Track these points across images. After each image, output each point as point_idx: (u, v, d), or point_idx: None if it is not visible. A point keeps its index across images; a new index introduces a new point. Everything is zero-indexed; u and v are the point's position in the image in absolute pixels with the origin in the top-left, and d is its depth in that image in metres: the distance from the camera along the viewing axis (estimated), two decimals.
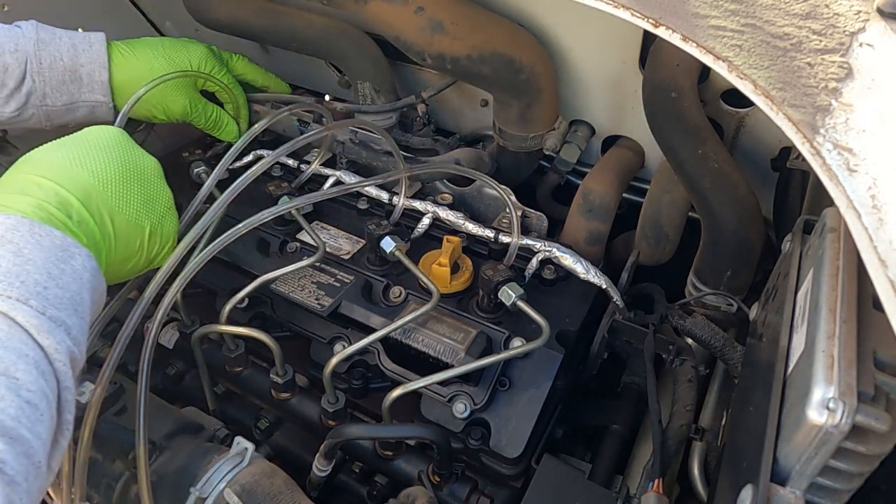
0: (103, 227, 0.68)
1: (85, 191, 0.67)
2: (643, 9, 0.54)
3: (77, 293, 0.58)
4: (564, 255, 0.89)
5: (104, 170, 0.71)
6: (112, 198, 0.70)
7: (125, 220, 0.71)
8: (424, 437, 0.74)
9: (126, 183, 0.72)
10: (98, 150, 0.73)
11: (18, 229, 0.57)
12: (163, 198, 0.78)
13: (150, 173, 0.77)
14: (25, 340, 0.51)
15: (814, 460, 0.45)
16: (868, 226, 0.40)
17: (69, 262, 0.59)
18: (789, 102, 0.46)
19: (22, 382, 0.48)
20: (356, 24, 1.16)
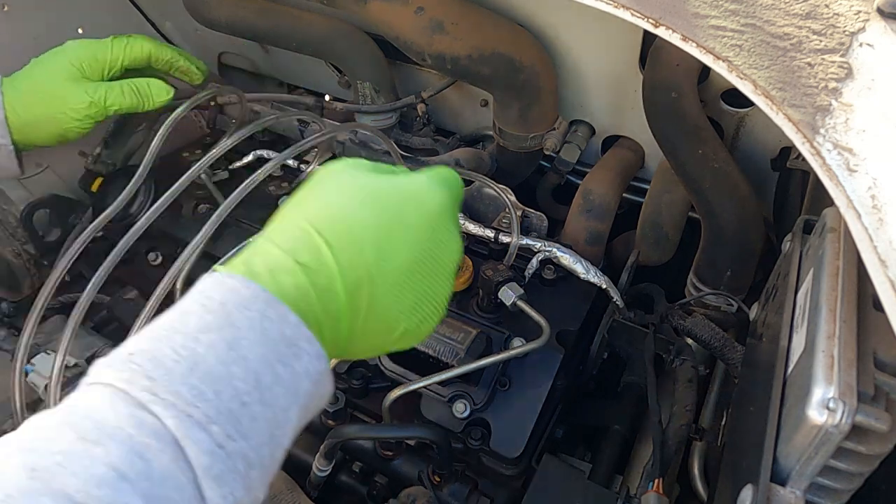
0: (354, 321, 0.50)
1: (359, 279, 0.50)
2: (643, 9, 0.54)
3: (283, 411, 0.44)
4: (564, 255, 0.89)
5: (399, 256, 0.52)
6: (384, 290, 0.51)
7: (382, 318, 0.52)
8: (424, 437, 0.74)
9: (413, 275, 0.53)
10: (411, 223, 0.53)
11: (250, 308, 0.44)
12: (441, 295, 0.56)
13: (445, 265, 0.56)
14: (185, 485, 0.38)
15: (814, 460, 0.45)
16: (868, 226, 0.40)
17: (290, 365, 0.44)
18: (789, 102, 0.46)
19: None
20: (356, 24, 1.16)
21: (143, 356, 0.41)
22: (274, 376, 0.43)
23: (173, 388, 0.40)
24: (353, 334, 0.51)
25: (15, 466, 0.35)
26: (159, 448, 0.37)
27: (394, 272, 0.52)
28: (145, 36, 1.00)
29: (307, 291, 0.47)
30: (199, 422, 0.39)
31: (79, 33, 1.32)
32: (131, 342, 0.43)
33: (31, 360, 0.82)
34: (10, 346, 0.89)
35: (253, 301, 0.45)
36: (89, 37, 1.28)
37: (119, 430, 0.37)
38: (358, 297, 0.50)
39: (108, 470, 0.35)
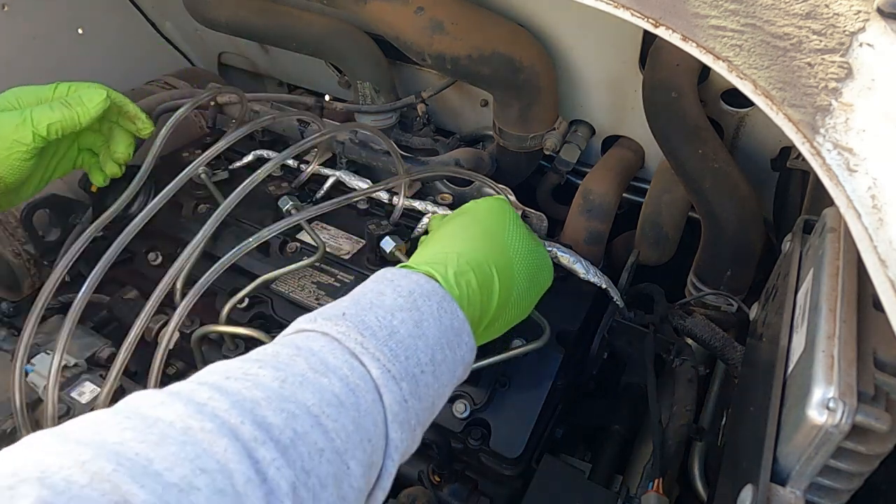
0: (493, 324, 0.66)
1: (502, 307, 0.65)
2: (643, 9, 0.54)
3: (444, 386, 0.56)
4: (564, 255, 0.89)
5: (529, 301, 0.70)
6: (508, 318, 0.68)
7: (502, 325, 0.69)
8: (424, 437, 0.74)
9: (526, 308, 0.71)
10: (541, 282, 0.72)
11: (431, 297, 0.56)
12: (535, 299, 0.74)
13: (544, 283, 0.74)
14: (379, 422, 0.48)
15: (814, 460, 0.45)
16: (868, 226, 0.40)
17: (455, 350, 0.56)
18: (789, 102, 0.46)
19: (352, 471, 0.45)
20: (356, 24, 1.16)
21: (354, 318, 0.52)
22: (443, 356, 0.55)
23: (378, 346, 0.50)
24: (487, 329, 0.66)
25: (269, 377, 0.45)
26: (366, 389, 0.48)
27: (519, 309, 0.69)
28: (97, 84, 0.89)
29: (475, 304, 0.61)
30: (394, 376, 0.50)
31: (79, 33, 1.33)
32: (340, 305, 0.54)
33: (31, 360, 0.82)
34: (10, 346, 0.89)
35: (433, 294, 0.57)
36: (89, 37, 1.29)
37: (338, 369, 0.48)
38: (498, 317, 0.65)
39: (332, 396, 0.46)
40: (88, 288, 0.75)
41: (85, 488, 0.34)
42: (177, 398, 0.42)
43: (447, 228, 0.70)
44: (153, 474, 0.36)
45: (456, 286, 0.59)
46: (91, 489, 0.34)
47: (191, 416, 0.40)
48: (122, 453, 0.37)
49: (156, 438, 0.38)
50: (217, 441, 0.39)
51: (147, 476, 0.36)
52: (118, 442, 0.37)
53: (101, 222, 0.86)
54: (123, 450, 0.37)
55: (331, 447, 0.44)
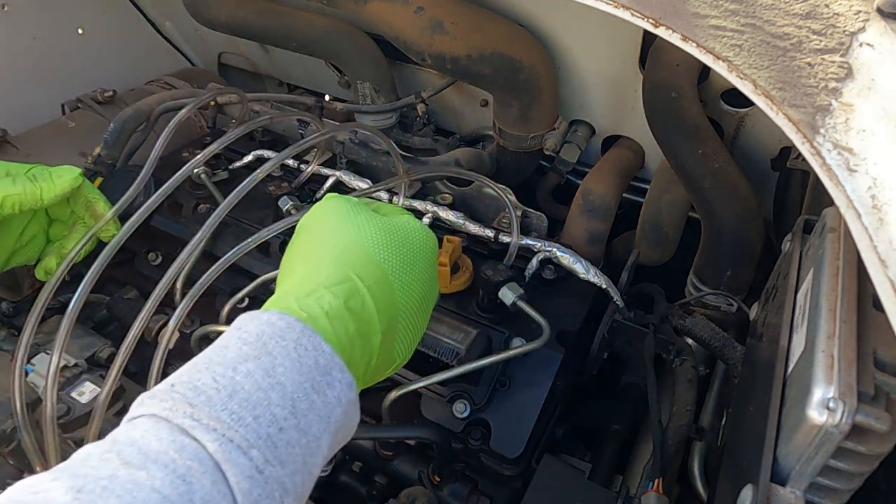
0: (379, 356, 0.55)
1: (390, 320, 0.55)
2: (643, 9, 0.54)
3: (315, 439, 0.45)
4: (564, 255, 0.89)
5: (415, 294, 0.58)
6: (403, 327, 0.57)
7: (393, 352, 0.58)
8: (424, 437, 0.74)
9: (421, 311, 0.59)
10: (422, 263, 0.59)
11: (285, 338, 0.47)
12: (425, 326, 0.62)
13: (434, 298, 0.64)
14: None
15: (814, 460, 0.45)
16: (868, 226, 0.40)
17: (324, 392, 0.47)
18: (789, 102, 0.46)
19: None
20: (356, 24, 1.16)
21: (184, 386, 0.43)
22: (309, 403, 0.45)
23: (214, 413, 0.41)
24: (375, 368, 0.55)
25: (62, 489, 0.36)
26: (201, 471, 0.39)
27: (411, 311, 0.57)
28: (74, 167, 0.85)
29: (353, 336, 0.51)
30: (239, 445, 0.40)
31: (79, 33, 1.33)
32: (172, 376, 0.45)
33: (31, 360, 0.82)
34: (10, 346, 0.89)
35: (288, 331, 0.47)
36: (89, 37, 1.29)
37: (162, 454, 0.39)
38: (387, 336, 0.55)
39: (151, 492, 0.37)
40: (86, 287, 0.75)
41: None
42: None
43: (286, 257, 0.61)
44: None
45: (316, 311, 0.50)
46: None
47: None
48: None
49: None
50: None
51: None
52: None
53: (101, 223, 0.86)
54: None
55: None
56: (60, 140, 1.11)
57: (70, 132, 1.13)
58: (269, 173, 0.90)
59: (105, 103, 1.19)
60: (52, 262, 0.88)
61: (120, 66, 1.40)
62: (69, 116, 1.17)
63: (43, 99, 1.24)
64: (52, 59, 1.28)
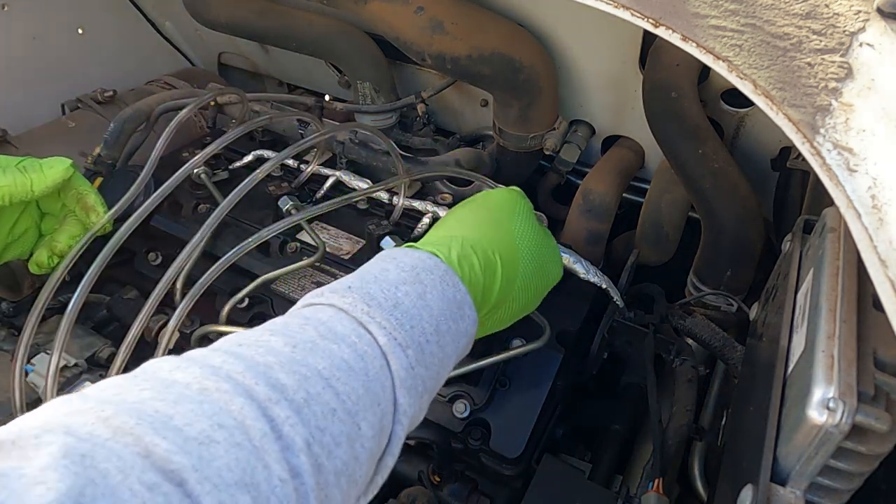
0: (495, 311, 0.66)
1: (506, 293, 0.66)
2: (643, 9, 0.54)
3: (448, 356, 0.57)
4: (564, 255, 0.88)
5: (537, 288, 0.70)
6: (519, 297, 0.68)
7: (504, 315, 0.69)
8: (424, 437, 0.74)
9: (537, 289, 0.71)
10: (551, 269, 0.73)
11: (433, 271, 0.58)
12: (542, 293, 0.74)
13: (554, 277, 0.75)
14: (387, 387, 0.50)
15: (814, 460, 0.45)
16: (868, 226, 0.40)
17: (458, 322, 0.58)
18: (789, 102, 0.46)
19: (363, 433, 0.47)
20: (356, 24, 1.16)
21: (359, 290, 0.54)
22: (447, 327, 0.56)
23: (384, 315, 0.52)
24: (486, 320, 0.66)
25: (280, 343, 0.47)
26: (373, 355, 0.49)
27: (524, 300, 0.69)
28: (65, 158, 0.85)
29: (477, 286, 0.61)
30: (400, 344, 0.51)
31: (79, 33, 1.33)
32: (346, 280, 0.56)
33: (31, 360, 0.81)
34: (10, 346, 0.88)
35: (435, 268, 0.58)
36: (89, 37, 1.29)
37: (347, 336, 0.49)
38: (500, 304, 0.66)
39: (342, 361, 0.47)
40: (85, 287, 0.75)
41: (109, 441, 0.35)
42: (192, 362, 0.43)
43: (456, 213, 0.72)
44: (173, 428, 0.37)
45: (458, 267, 0.60)
46: (114, 442, 0.35)
47: (207, 378, 0.42)
48: (143, 410, 0.38)
49: (174, 398, 0.39)
50: (233, 400, 0.40)
51: (168, 429, 0.37)
52: (138, 401, 0.39)
53: (102, 223, 0.86)
54: (143, 407, 0.38)
55: (342, 408, 0.45)
56: (60, 140, 1.11)
57: (70, 132, 1.13)
58: (269, 173, 0.90)
59: (105, 103, 1.19)
60: (42, 256, 0.87)
61: (120, 66, 1.40)
62: (69, 116, 1.17)
63: (43, 99, 1.24)
64: (52, 59, 1.28)
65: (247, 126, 0.95)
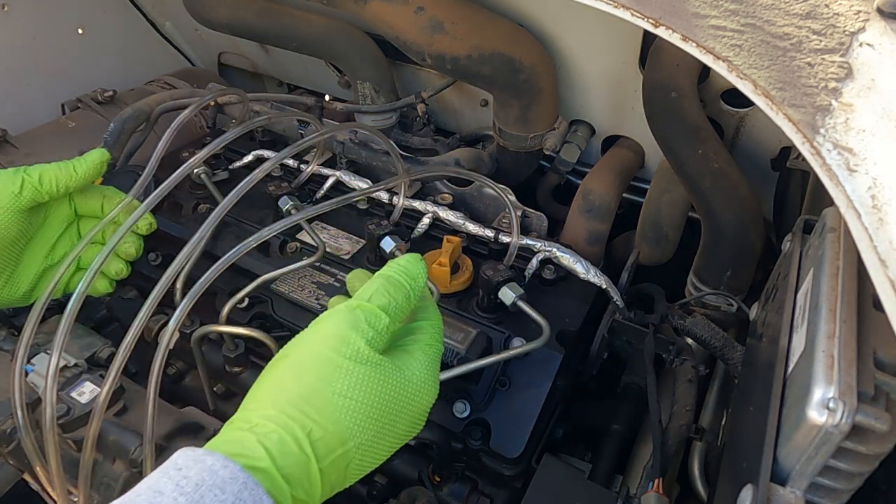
0: (312, 497, 0.52)
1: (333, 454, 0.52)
2: (643, 9, 0.54)
3: None
4: (564, 255, 0.89)
5: (377, 456, 0.56)
6: (351, 464, 0.54)
7: (337, 478, 0.54)
8: (424, 437, 0.74)
9: (381, 436, 0.55)
10: (400, 428, 0.57)
11: (225, 489, 0.44)
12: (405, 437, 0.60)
13: (416, 415, 0.59)
14: None
15: (814, 460, 0.45)
16: (868, 226, 0.40)
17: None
18: (789, 102, 0.46)
19: None
20: (356, 24, 1.16)
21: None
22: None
23: None
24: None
25: None
26: None
27: (364, 466, 0.55)
28: (100, 149, 0.89)
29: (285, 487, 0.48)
30: None
31: (79, 33, 1.33)
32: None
33: (31, 360, 0.81)
34: (10, 346, 0.88)
35: (229, 484, 0.44)
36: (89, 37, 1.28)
37: None
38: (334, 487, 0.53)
39: None
40: (84, 287, 0.75)
41: None
42: None
43: (265, 383, 0.56)
44: None
45: (258, 471, 0.47)
46: None
47: None
48: None
49: None
50: None
51: None
52: None
53: (102, 223, 0.86)
54: None
55: None
56: (60, 140, 1.11)
57: (70, 132, 1.13)
58: (269, 173, 0.90)
59: (105, 103, 1.19)
60: (119, 266, 0.91)
61: (120, 66, 1.40)
62: (69, 116, 1.17)
63: (43, 99, 1.24)
64: (52, 59, 1.28)
65: (246, 126, 0.95)
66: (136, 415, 0.80)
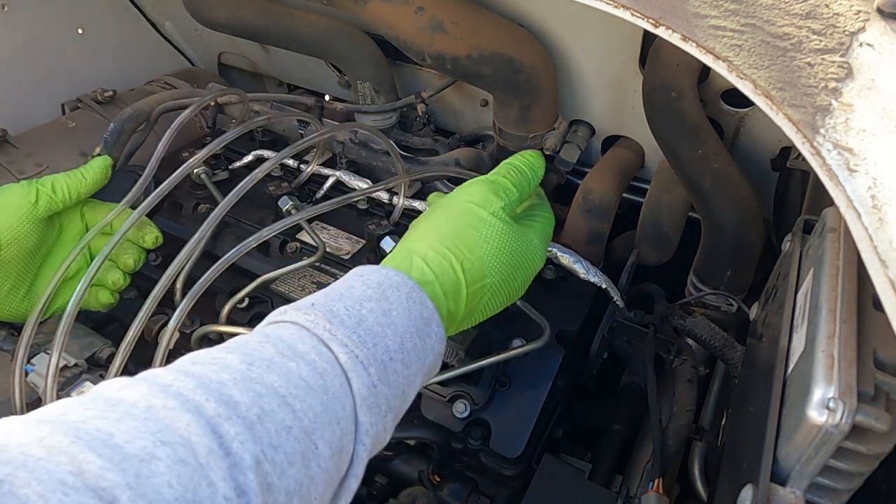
0: (458, 312, 0.64)
1: (475, 303, 0.65)
2: (643, 9, 0.54)
3: (414, 374, 0.56)
4: (564, 255, 0.89)
5: (510, 290, 0.69)
6: (483, 300, 0.67)
7: (482, 313, 0.68)
8: (424, 437, 0.74)
9: (514, 285, 0.69)
10: (523, 275, 0.70)
11: (399, 288, 0.57)
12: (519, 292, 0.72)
13: (529, 274, 0.72)
14: (348, 406, 0.49)
15: (814, 460, 0.45)
16: (868, 226, 0.40)
17: (424, 339, 0.57)
18: (789, 102, 0.46)
19: (320, 451, 0.46)
20: (356, 24, 1.16)
21: (322, 308, 0.53)
22: (412, 344, 0.55)
23: (346, 333, 0.51)
24: (455, 319, 0.64)
25: (236, 360, 0.46)
26: (334, 374, 0.49)
27: (493, 304, 0.68)
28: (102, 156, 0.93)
29: (443, 298, 0.61)
30: (362, 362, 0.50)
31: (79, 33, 1.33)
32: (311, 297, 0.55)
33: (31, 360, 0.82)
34: (10, 346, 0.88)
35: (402, 285, 0.57)
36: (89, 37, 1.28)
37: (307, 354, 0.49)
38: (472, 311, 0.66)
39: (300, 379, 0.47)
40: (84, 287, 0.75)
41: (41, 461, 0.34)
42: (141, 381, 0.43)
43: (420, 225, 0.70)
44: (113, 446, 0.37)
45: (424, 283, 0.60)
46: (47, 461, 0.34)
47: (154, 396, 0.41)
48: (82, 429, 0.37)
49: (117, 416, 0.39)
50: (180, 416, 0.40)
51: (106, 447, 0.36)
52: (79, 420, 0.38)
53: (102, 223, 0.86)
54: (84, 426, 0.38)
55: (299, 426, 0.45)
56: (60, 140, 1.11)
57: (70, 132, 1.13)
58: (269, 173, 0.90)
59: (105, 103, 1.19)
60: (116, 276, 0.91)
61: (120, 66, 1.40)
62: (69, 116, 1.17)
63: (43, 99, 1.24)
64: (52, 59, 1.28)
65: (246, 126, 0.95)
66: None
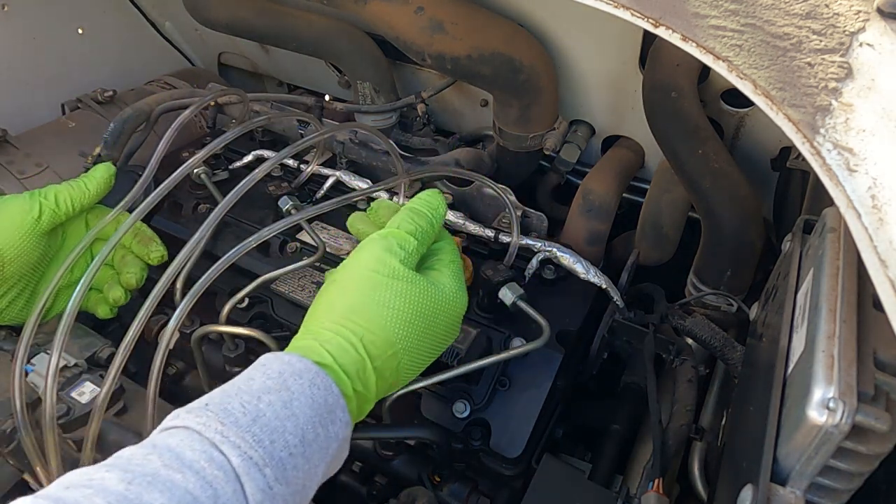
0: (369, 391, 0.61)
1: (389, 387, 0.63)
2: (643, 9, 0.54)
3: (315, 466, 0.53)
4: (564, 255, 0.89)
5: (422, 362, 0.66)
6: (401, 364, 0.63)
7: (392, 376, 0.64)
8: (424, 437, 0.74)
9: (423, 340, 0.65)
10: (439, 333, 0.67)
11: (302, 376, 0.54)
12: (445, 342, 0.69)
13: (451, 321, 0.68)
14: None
15: (814, 460, 0.45)
16: (868, 226, 0.40)
17: (327, 427, 0.54)
18: (789, 102, 0.46)
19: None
20: (356, 24, 1.16)
21: (216, 406, 0.50)
22: (314, 434, 0.53)
23: (240, 433, 0.49)
24: (368, 398, 0.61)
25: (114, 480, 0.44)
26: (226, 480, 0.46)
27: (413, 366, 0.65)
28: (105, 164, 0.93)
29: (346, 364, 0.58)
30: (257, 463, 0.48)
31: (79, 33, 1.33)
32: (206, 397, 0.52)
33: (31, 360, 0.82)
34: (10, 346, 0.88)
35: (305, 372, 0.55)
36: (89, 37, 1.28)
37: (195, 462, 0.46)
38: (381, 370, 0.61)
39: (185, 493, 0.44)
40: (83, 287, 0.75)
41: None
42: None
43: (319, 302, 0.66)
44: None
45: (329, 366, 0.57)
46: None
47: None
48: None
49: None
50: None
51: None
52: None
53: (99, 227, 0.86)
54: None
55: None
56: (60, 140, 1.11)
57: (70, 132, 1.13)
58: (269, 173, 0.90)
59: (105, 103, 1.19)
60: (117, 293, 0.92)
61: (120, 66, 1.40)
62: (69, 116, 1.17)
63: (43, 99, 1.24)
64: (52, 59, 1.28)
65: (246, 126, 0.95)
66: (136, 415, 0.80)
